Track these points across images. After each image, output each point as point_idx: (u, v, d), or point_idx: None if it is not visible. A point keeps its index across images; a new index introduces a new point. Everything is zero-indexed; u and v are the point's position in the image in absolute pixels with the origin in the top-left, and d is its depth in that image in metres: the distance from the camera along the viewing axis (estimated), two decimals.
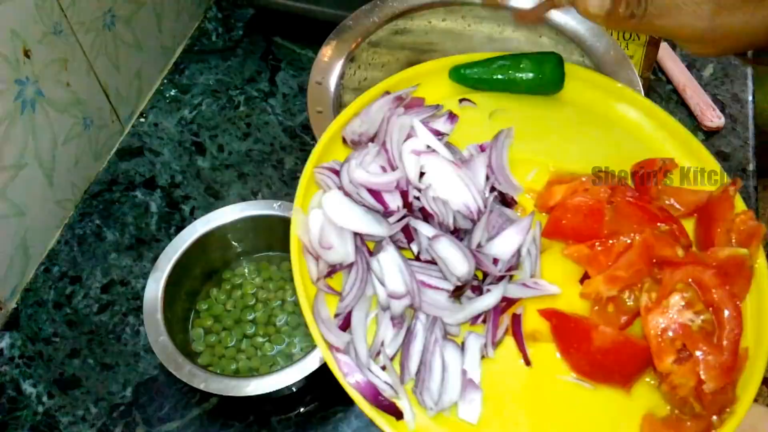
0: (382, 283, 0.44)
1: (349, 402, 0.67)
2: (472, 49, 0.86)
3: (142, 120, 0.92)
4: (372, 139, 0.50)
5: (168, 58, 0.97)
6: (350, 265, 0.45)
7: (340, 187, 0.47)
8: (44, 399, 0.69)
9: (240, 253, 0.74)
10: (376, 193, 0.46)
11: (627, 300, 0.44)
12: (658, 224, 0.45)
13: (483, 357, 0.44)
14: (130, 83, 0.89)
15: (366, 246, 0.46)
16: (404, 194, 0.46)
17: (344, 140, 0.51)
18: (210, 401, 0.69)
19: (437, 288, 0.45)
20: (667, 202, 0.49)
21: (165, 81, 0.95)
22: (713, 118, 0.91)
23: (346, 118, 0.51)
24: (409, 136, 0.49)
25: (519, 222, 0.46)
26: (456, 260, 0.44)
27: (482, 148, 0.51)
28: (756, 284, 0.45)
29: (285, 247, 0.75)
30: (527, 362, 0.44)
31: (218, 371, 0.67)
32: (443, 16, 0.82)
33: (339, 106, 0.74)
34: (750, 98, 0.94)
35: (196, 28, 1.02)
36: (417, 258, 0.47)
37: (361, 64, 0.80)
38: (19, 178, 0.72)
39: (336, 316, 0.45)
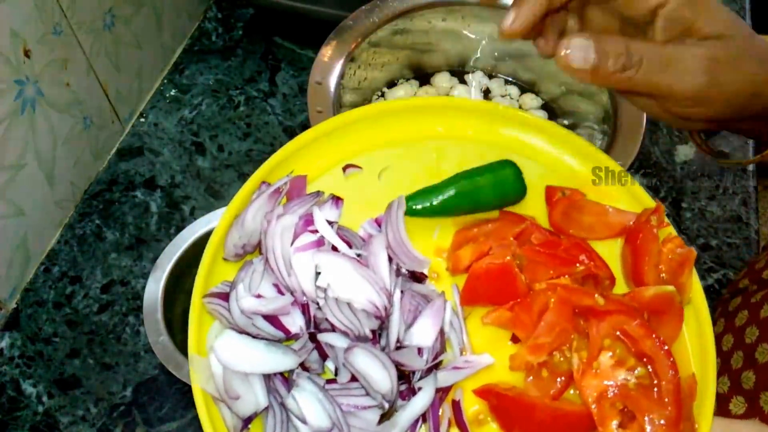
0: (304, 422, 0.39)
1: None
2: (471, 49, 0.86)
3: (142, 120, 0.92)
4: (258, 247, 0.44)
5: (168, 58, 0.97)
6: (266, 408, 0.41)
7: (232, 325, 0.41)
8: (44, 399, 0.69)
9: None
10: (273, 319, 0.41)
11: (560, 360, 0.42)
12: (575, 266, 0.43)
13: None
14: (130, 83, 0.89)
15: (282, 376, 0.41)
16: (305, 308, 0.42)
17: (226, 260, 0.46)
18: None
19: (365, 407, 0.41)
20: (579, 232, 0.47)
21: (165, 81, 0.95)
22: None
23: (223, 228, 0.45)
24: (295, 235, 0.43)
25: (432, 304, 0.42)
26: (376, 374, 0.40)
27: (377, 222, 0.46)
28: (693, 308, 0.44)
29: None
30: None
31: None
32: (443, 16, 0.82)
33: (339, 106, 0.74)
34: None
35: (196, 28, 1.02)
36: (335, 377, 0.42)
37: (361, 64, 0.80)
38: (19, 178, 0.72)
39: None
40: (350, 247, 0.44)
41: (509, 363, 0.43)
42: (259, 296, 0.41)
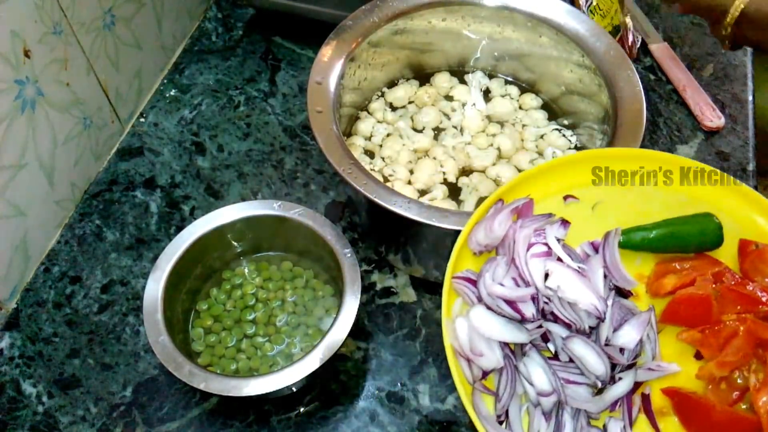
0: (531, 383, 0.51)
1: (348, 402, 0.68)
2: (471, 49, 0.86)
3: (142, 120, 0.92)
4: (495, 248, 0.57)
5: (168, 57, 0.97)
6: (500, 369, 0.52)
7: (480, 299, 0.53)
8: (44, 399, 0.69)
9: (240, 253, 0.74)
10: (512, 303, 0.52)
11: (737, 379, 0.52)
12: (759, 306, 0.53)
13: None
14: (130, 83, 0.89)
15: (508, 347, 0.53)
16: (535, 300, 0.53)
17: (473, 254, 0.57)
18: (210, 401, 0.69)
19: (578, 383, 0.52)
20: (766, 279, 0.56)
21: (165, 81, 0.96)
22: (713, 118, 0.91)
23: (469, 228, 0.56)
24: (529, 245, 0.55)
25: (639, 316, 0.53)
26: (592, 360, 0.51)
27: (593, 245, 0.57)
28: None
29: (285, 247, 0.75)
30: None
31: (218, 371, 0.67)
32: (443, 16, 0.82)
33: (339, 105, 0.74)
34: (750, 98, 0.94)
35: (196, 28, 1.02)
36: (555, 356, 0.53)
37: (361, 64, 0.80)
38: (19, 178, 0.72)
39: (498, 416, 0.51)
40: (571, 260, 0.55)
41: (697, 372, 0.53)
42: (501, 285, 0.53)
